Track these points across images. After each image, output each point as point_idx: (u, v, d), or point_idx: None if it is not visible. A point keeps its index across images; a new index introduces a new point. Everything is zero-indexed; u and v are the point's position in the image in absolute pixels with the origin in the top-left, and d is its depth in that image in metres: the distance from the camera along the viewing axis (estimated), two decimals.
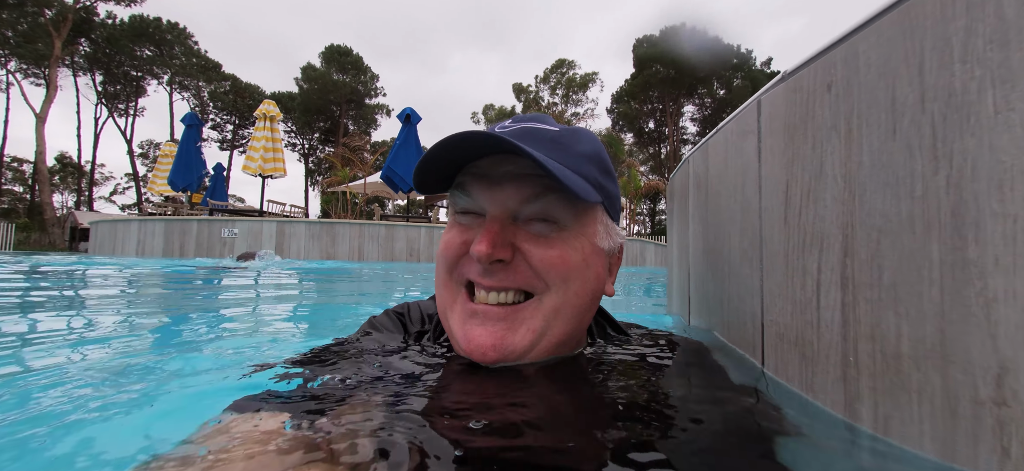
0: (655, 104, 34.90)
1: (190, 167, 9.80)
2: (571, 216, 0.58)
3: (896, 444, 0.40)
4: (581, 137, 0.62)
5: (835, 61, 0.50)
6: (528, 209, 0.56)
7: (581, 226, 0.59)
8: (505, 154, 0.55)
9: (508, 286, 0.56)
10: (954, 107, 0.36)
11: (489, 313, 0.55)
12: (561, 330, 0.57)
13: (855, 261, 0.46)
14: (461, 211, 0.60)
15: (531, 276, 0.56)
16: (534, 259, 0.56)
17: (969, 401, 0.34)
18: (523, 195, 0.56)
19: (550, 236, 0.57)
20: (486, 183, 0.57)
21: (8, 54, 25.46)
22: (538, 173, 0.55)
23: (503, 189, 0.56)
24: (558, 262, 0.56)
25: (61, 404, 0.61)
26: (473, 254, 0.55)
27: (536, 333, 0.56)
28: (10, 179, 29.78)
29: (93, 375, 0.80)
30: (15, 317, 1.51)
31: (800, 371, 0.55)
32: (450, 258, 0.59)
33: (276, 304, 2.18)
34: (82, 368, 0.86)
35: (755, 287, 0.65)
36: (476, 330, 0.55)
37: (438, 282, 0.62)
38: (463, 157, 0.57)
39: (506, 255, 0.55)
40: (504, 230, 0.55)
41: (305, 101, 34.91)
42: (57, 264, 4.17)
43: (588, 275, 0.58)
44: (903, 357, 0.40)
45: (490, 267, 0.55)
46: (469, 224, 0.59)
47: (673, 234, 1.38)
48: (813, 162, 0.53)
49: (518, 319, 0.56)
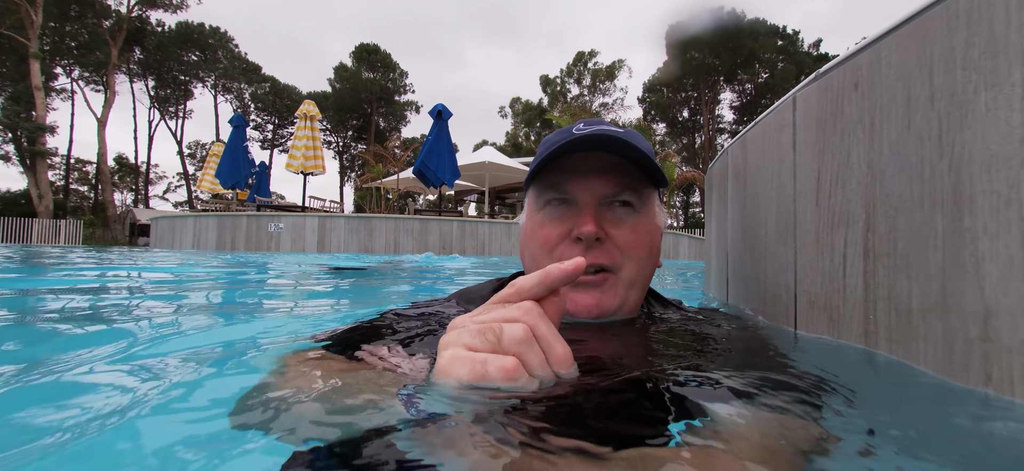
0: (689, 92, 33.94)
1: (238, 165, 10.40)
2: (640, 200, 0.71)
3: (906, 363, 0.49)
4: (637, 136, 0.74)
5: (862, 63, 0.58)
6: (612, 196, 0.69)
7: (647, 208, 0.72)
8: (590, 152, 0.68)
9: (601, 262, 0.68)
10: (956, 105, 0.45)
11: (588, 282, 0.68)
12: (636, 296, 0.71)
13: (875, 235, 0.55)
14: (552, 202, 0.71)
15: (616, 254, 0.69)
16: (619, 240, 0.69)
17: (962, 340, 0.43)
18: (608, 184, 0.69)
19: (628, 220, 0.70)
20: (578, 176, 0.69)
21: (72, 63, 27.55)
22: (617, 168, 0.68)
23: (594, 180, 0.69)
24: (636, 241, 0.69)
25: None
26: (579, 234, 0.66)
27: (621, 298, 0.69)
28: (76, 179, 32.35)
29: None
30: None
31: (828, 331, 0.64)
32: (552, 244, 0.70)
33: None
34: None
35: (789, 262, 0.74)
36: (580, 295, 0.68)
37: (534, 265, 0.73)
38: (560, 154, 0.68)
39: (602, 235, 0.68)
40: (598, 213, 0.68)
41: (338, 100, 36.06)
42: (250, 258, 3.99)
43: (652, 249, 0.72)
44: (913, 312, 0.49)
45: (591, 244, 0.67)
46: (559, 215, 0.70)
47: (711, 220, 1.45)
48: (841, 151, 0.61)
49: (607, 286, 0.69)
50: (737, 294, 1.07)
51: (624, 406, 0.42)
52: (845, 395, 0.45)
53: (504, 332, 0.39)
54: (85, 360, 0.74)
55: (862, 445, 0.37)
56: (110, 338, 0.94)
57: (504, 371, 0.38)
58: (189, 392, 0.56)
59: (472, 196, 20.53)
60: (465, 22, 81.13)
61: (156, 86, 32.90)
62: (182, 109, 34.75)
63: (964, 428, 0.40)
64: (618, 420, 0.39)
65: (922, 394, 0.46)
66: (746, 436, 0.36)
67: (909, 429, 0.41)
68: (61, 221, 19.27)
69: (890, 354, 0.52)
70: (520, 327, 0.39)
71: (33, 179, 22.02)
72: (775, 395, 0.43)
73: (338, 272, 3.29)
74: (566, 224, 0.70)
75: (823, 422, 0.40)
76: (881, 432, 0.39)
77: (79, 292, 1.80)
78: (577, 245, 0.68)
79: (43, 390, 0.60)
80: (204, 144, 36.73)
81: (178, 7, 29.34)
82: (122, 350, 0.80)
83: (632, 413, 0.41)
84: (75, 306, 1.42)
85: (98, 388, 0.60)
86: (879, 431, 0.39)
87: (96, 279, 2.48)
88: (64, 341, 0.97)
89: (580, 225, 0.67)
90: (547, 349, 0.40)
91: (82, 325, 1.12)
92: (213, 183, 13.20)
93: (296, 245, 8.41)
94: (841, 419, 0.41)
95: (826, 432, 0.38)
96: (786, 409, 0.40)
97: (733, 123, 33.06)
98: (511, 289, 0.43)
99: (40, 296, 1.70)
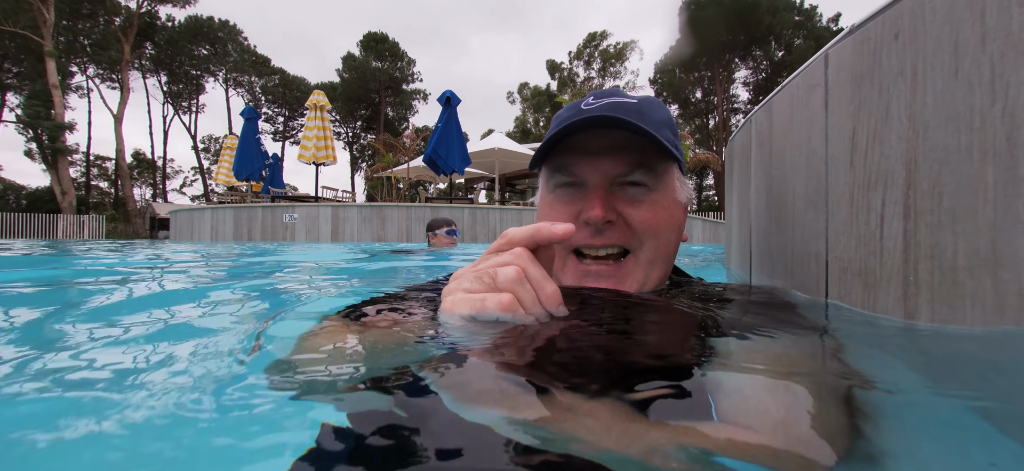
0: (703, 71, 33.19)
1: (252, 157, 10.53)
2: (655, 178, 0.67)
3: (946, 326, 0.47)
4: (655, 105, 0.71)
5: (902, 12, 0.55)
6: (623, 176, 0.66)
7: (664, 185, 0.68)
8: (598, 129, 0.63)
9: (614, 243, 0.66)
10: (1011, 45, 0.42)
11: (601, 271, 0.66)
12: (658, 274, 0.69)
13: (917, 192, 0.52)
14: (562, 185, 0.69)
15: (629, 235, 0.66)
16: (633, 220, 0.66)
17: (1015, 295, 0.41)
18: (619, 164, 0.65)
19: (642, 199, 0.67)
20: (587, 156, 0.66)
21: (86, 60, 28.02)
22: (628, 145, 0.65)
23: (603, 160, 0.65)
24: (651, 221, 0.66)
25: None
26: (587, 219, 0.64)
27: (640, 282, 0.67)
28: (97, 175, 33.14)
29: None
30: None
31: (862, 297, 0.61)
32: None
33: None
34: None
35: (820, 229, 0.72)
36: (592, 285, 0.66)
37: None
38: (566, 134, 0.65)
39: (613, 216, 0.65)
40: (608, 195, 0.65)
41: (347, 90, 36.12)
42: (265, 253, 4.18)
43: (673, 225, 0.69)
44: (959, 269, 0.47)
45: (601, 228, 0.64)
46: (570, 198, 0.68)
47: (733, 195, 1.42)
48: (879, 107, 0.58)
49: (623, 272, 0.66)
50: (761, 267, 1.04)
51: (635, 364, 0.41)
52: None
53: (499, 274, 0.44)
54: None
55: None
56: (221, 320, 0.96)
57: (501, 305, 0.42)
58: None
59: (482, 183, 20.51)
60: (471, 8, 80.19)
61: (169, 81, 33.34)
62: (195, 103, 35.22)
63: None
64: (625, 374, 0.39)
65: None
66: (768, 411, 0.34)
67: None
68: (84, 217, 19.82)
69: (932, 314, 0.50)
70: (512, 268, 0.44)
71: (56, 176, 22.61)
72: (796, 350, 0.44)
73: (400, 254, 3.57)
74: (575, 207, 0.67)
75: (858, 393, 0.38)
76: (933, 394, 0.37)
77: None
78: (587, 228, 0.66)
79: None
80: (217, 137, 37.24)
81: (187, 2, 29.54)
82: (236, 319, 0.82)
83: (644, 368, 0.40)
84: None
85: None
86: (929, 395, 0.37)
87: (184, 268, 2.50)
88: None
89: (587, 209, 0.64)
90: (538, 288, 0.44)
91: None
92: (228, 176, 13.39)
93: (310, 235, 8.52)
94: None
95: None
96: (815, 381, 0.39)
97: (747, 103, 32.32)
98: (502, 239, 0.47)
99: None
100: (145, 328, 0.79)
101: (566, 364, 0.38)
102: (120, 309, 1.08)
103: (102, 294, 1.27)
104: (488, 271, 0.44)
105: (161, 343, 0.69)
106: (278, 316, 0.80)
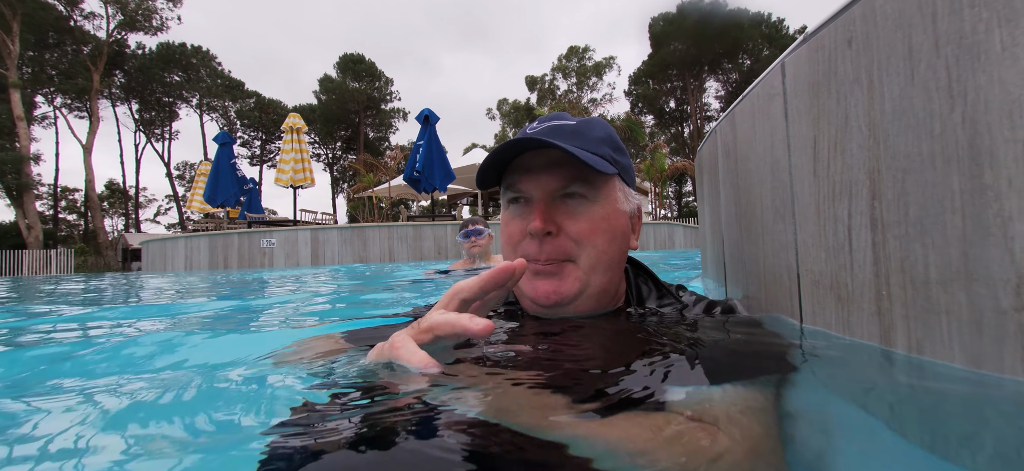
0: (675, 83, 34.02)
1: (227, 184, 10.28)
2: (594, 190, 0.73)
3: (928, 360, 0.44)
4: (594, 125, 0.78)
5: (854, 17, 0.53)
6: (561, 189, 0.72)
7: (604, 196, 0.74)
8: (539, 149, 0.71)
9: (555, 257, 0.72)
10: (966, 48, 0.40)
11: (547, 271, 0.73)
12: (600, 280, 0.74)
13: (883, 202, 0.50)
14: (512, 200, 0.76)
15: (570, 245, 0.72)
16: (572, 231, 0.72)
17: (992, 312, 0.38)
18: (556, 179, 0.72)
19: (582, 211, 0.72)
20: (529, 174, 0.73)
21: (53, 91, 27.20)
22: (567, 160, 0.70)
23: (542, 176, 0.72)
24: (589, 230, 0.72)
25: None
26: (529, 230, 0.71)
27: (582, 283, 0.72)
28: (65, 208, 31.92)
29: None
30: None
31: (837, 313, 0.59)
32: (514, 241, 0.76)
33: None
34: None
35: (789, 241, 0.69)
36: (540, 283, 0.73)
37: (507, 257, 0.79)
38: (510, 156, 0.74)
39: (553, 228, 0.71)
40: (548, 208, 0.72)
41: (325, 111, 35.84)
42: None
43: (614, 234, 0.74)
44: (931, 283, 0.44)
45: (543, 239, 0.71)
46: (519, 212, 0.75)
47: (705, 206, 1.40)
48: (838, 115, 0.56)
49: (565, 274, 0.73)
50: (735, 279, 1.02)
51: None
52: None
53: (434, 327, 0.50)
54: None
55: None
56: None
57: (422, 364, 0.48)
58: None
59: (465, 199, 20.44)
60: (444, 28, 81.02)
61: (140, 109, 32.59)
62: (168, 130, 34.46)
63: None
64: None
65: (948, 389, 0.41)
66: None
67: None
68: (52, 251, 19.01)
69: (908, 332, 0.47)
70: (442, 328, 0.50)
71: (20, 211, 21.71)
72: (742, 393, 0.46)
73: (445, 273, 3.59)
74: (524, 220, 0.74)
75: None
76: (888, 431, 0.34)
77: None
78: (532, 240, 0.72)
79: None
80: (192, 164, 36.43)
81: (158, 29, 29.10)
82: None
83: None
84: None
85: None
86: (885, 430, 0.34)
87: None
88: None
89: (531, 222, 0.71)
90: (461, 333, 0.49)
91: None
92: (203, 202, 13.03)
93: (289, 260, 8.32)
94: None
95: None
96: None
97: (720, 112, 33.21)
98: (450, 294, 0.53)
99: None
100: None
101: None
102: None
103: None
104: (424, 326, 0.50)
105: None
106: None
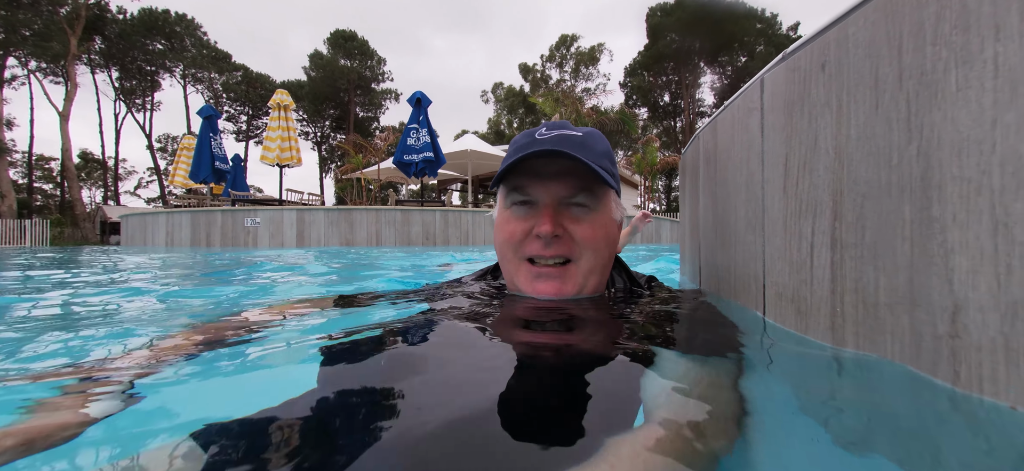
0: (670, 76, 34.04)
1: (210, 159, 10.04)
2: (596, 199, 0.79)
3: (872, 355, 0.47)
4: (596, 138, 0.83)
5: (829, 42, 0.55)
6: (569, 197, 0.78)
7: (603, 206, 0.81)
8: (550, 156, 0.75)
9: (560, 254, 0.78)
10: (925, 84, 0.42)
11: (550, 273, 0.79)
12: (595, 281, 0.81)
13: (843, 224, 0.52)
14: (517, 202, 0.80)
15: (573, 246, 0.78)
16: (576, 235, 0.78)
17: (930, 337, 0.41)
18: (566, 187, 0.78)
19: (585, 218, 0.78)
20: (539, 179, 0.78)
21: (27, 54, 26.05)
22: (574, 172, 0.76)
23: (552, 183, 0.78)
24: (591, 236, 0.78)
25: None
26: (538, 233, 0.76)
27: (579, 285, 0.79)
28: (40, 177, 30.88)
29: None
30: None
31: (796, 324, 0.61)
32: (516, 241, 0.80)
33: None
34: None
35: (758, 252, 0.71)
36: (542, 284, 0.79)
37: (503, 258, 0.84)
38: (525, 159, 0.76)
39: (560, 231, 0.77)
40: (556, 213, 0.77)
41: (314, 89, 35.07)
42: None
43: (609, 241, 0.82)
44: (880, 305, 0.47)
45: (550, 241, 0.76)
46: (524, 214, 0.80)
47: (685, 208, 1.43)
48: (809, 136, 0.58)
49: (566, 276, 0.79)
50: (709, 283, 1.05)
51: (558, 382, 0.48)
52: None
53: None
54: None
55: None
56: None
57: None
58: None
59: (455, 185, 20.32)
60: (442, 10, 79.46)
61: (120, 77, 31.45)
62: (150, 101, 33.37)
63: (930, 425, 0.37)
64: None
65: (891, 389, 0.44)
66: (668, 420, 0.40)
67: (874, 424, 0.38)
68: (26, 221, 18.42)
69: (857, 349, 0.50)
70: None
71: None
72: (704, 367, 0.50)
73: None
74: (529, 222, 0.79)
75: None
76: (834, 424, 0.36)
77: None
78: (538, 240, 0.77)
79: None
80: (175, 137, 35.47)
81: None
82: None
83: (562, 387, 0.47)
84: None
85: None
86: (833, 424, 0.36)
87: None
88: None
89: (539, 225, 0.76)
90: None
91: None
92: (185, 177, 12.71)
93: (274, 240, 8.20)
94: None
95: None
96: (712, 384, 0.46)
97: (713, 107, 33.41)
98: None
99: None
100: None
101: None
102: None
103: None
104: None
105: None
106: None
